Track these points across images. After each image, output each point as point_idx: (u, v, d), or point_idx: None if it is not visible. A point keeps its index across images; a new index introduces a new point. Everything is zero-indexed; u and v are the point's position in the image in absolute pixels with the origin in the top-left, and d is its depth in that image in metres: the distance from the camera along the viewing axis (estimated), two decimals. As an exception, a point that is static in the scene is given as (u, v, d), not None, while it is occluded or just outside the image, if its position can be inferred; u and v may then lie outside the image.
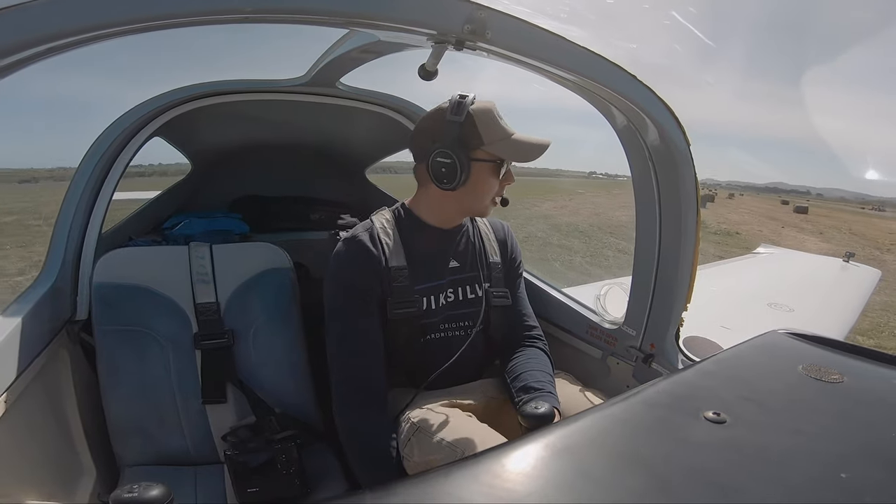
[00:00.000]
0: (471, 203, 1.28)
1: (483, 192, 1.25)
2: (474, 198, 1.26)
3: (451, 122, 1.18)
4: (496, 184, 1.26)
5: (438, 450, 1.14)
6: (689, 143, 1.20)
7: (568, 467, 0.62)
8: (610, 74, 1.09)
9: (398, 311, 1.27)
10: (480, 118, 1.20)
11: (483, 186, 1.24)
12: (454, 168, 1.18)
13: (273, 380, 1.46)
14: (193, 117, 1.74)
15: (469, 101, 1.19)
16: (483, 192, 1.25)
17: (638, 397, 0.80)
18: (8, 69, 0.68)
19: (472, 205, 1.28)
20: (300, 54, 2.64)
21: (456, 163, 1.17)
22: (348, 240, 1.29)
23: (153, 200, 2.40)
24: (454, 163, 1.18)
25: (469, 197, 1.25)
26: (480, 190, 1.24)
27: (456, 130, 1.18)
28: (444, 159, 1.19)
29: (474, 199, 1.26)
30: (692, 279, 1.32)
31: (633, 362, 1.48)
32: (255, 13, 0.75)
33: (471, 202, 1.27)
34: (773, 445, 0.65)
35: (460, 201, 1.27)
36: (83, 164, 1.51)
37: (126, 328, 1.38)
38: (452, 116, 1.18)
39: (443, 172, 1.19)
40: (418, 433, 1.19)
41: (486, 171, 1.22)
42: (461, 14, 0.87)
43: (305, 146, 2.67)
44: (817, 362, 0.88)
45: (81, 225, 1.50)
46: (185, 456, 1.39)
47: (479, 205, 1.28)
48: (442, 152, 1.18)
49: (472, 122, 1.20)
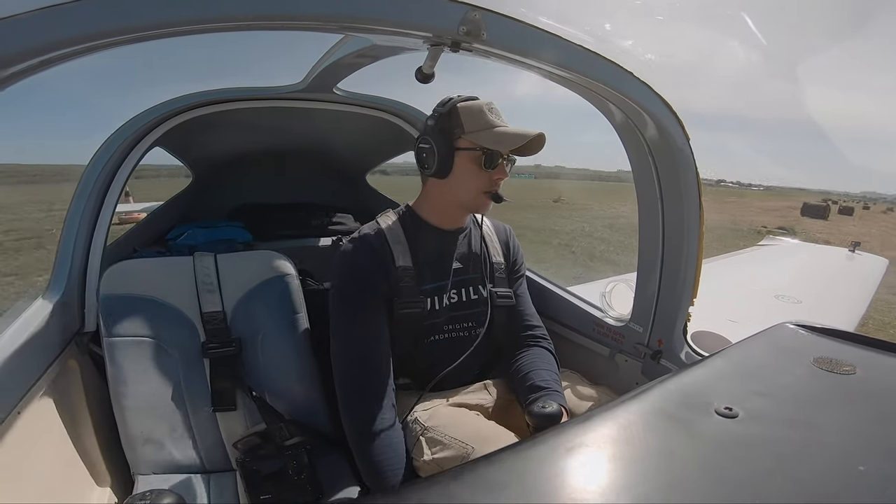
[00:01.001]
0: (459, 194, 1.27)
1: (468, 182, 1.25)
2: (461, 188, 1.26)
3: (434, 113, 1.25)
4: (482, 174, 1.24)
5: (448, 448, 1.14)
6: (689, 137, 1.20)
7: (581, 466, 0.62)
8: (606, 71, 1.08)
9: (404, 311, 1.27)
10: (465, 110, 1.23)
11: (468, 175, 1.24)
12: (432, 152, 1.23)
13: (282, 386, 1.46)
14: (193, 126, 1.74)
15: (458, 98, 1.25)
16: (468, 181, 1.25)
17: (648, 394, 0.79)
18: (9, 80, 0.68)
19: (460, 196, 1.28)
20: (297, 61, 2.65)
21: (433, 147, 1.22)
22: (356, 239, 1.29)
23: (156, 211, 2.41)
24: (432, 147, 1.23)
25: (456, 187, 1.26)
26: (466, 179, 1.24)
27: (438, 120, 1.24)
28: (424, 145, 1.25)
29: (461, 190, 1.26)
30: (697, 273, 1.31)
31: (641, 359, 1.47)
32: (252, 20, 0.75)
33: (458, 193, 1.27)
34: (787, 439, 0.64)
35: (450, 193, 1.28)
36: (85, 176, 1.52)
37: (134, 339, 1.38)
38: (438, 108, 1.25)
39: (423, 158, 1.26)
40: (427, 433, 1.19)
41: (467, 159, 1.23)
42: (456, 16, 0.87)
43: (305, 152, 2.67)
44: (828, 354, 0.87)
45: (86, 238, 1.51)
46: (197, 464, 1.39)
47: (467, 196, 1.27)
48: (423, 139, 1.25)
49: (456, 112, 1.23)
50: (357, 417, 1.20)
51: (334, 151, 2.68)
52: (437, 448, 1.16)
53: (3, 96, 0.72)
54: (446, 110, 1.23)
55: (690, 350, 1.39)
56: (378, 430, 1.18)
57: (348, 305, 1.25)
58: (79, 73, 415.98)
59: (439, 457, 1.15)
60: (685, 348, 1.39)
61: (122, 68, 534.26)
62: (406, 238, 1.30)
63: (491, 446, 1.11)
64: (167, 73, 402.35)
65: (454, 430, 1.17)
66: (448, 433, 1.17)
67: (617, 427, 0.70)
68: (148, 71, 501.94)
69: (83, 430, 1.35)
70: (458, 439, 1.15)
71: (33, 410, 1.15)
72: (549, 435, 0.67)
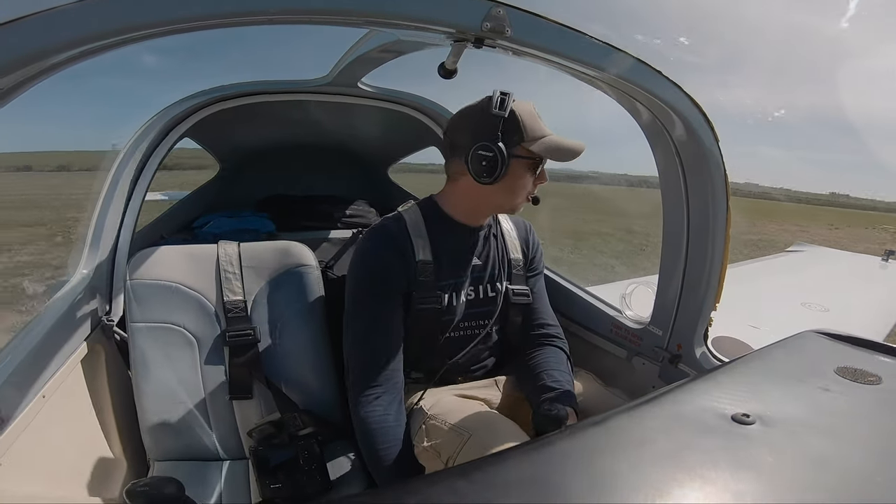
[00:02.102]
0: (504, 199, 1.26)
1: (519, 189, 1.24)
2: (509, 194, 1.24)
3: (495, 117, 1.17)
4: (531, 181, 1.25)
5: (446, 434, 1.15)
6: (718, 139, 1.18)
7: (591, 468, 0.61)
8: (634, 70, 1.06)
9: (422, 305, 1.26)
10: (523, 115, 1.19)
11: (519, 183, 1.23)
12: (495, 162, 1.16)
13: (297, 376, 1.48)
14: (221, 118, 1.78)
15: (513, 99, 1.18)
16: (519, 188, 1.24)
17: (664, 398, 0.78)
18: (45, 72, 0.70)
19: (505, 201, 1.27)
20: (322, 54, 2.69)
21: (497, 156, 1.16)
22: (377, 229, 1.29)
23: (184, 200, 2.46)
24: (496, 156, 1.16)
25: (503, 193, 1.24)
26: (517, 186, 1.23)
27: (499, 125, 1.17)
28: (486, 153, 1.17)
29: (509, 196, 1.25)
30: (722, 278, 1.29)
31: (658, 363, 1.45)
32: (280, 14, 0.76)
33: (504, 198, 1.26)
34: (804, 448, 0.63)
35: (494, 197, 1.26)
36: (118, 165, 1.56)
37: (157, 325, 1.41)
38: (497, 111, 1.17)
39: (483, 166, 1.17)
40: (428, 420, 1.20)
41: (523, 167, 1.22)
42: (480, 12, 0.86)
43: (329, 145, 2.70)
44: (853, 363, 0.85)
45: (116, 224, 1.55)
46: (211, 451, 1.42)
47: (512, 202, 1.26)
48: (484, 146, 1.16)
49: (516, 118, 1.18)
50: (363, 410, 1.20)
51: (357, 145, 2.70)
52: (434, 434, 1.17)
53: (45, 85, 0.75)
54: (506, 114, 1.17)
55: (710, 355, 1.36)
56: (383, 424, 1.18)
57: (365, 295, 1.25)
58: (112, 66, 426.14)
59: (436, 443, 1.15)
60: (705, 353, 1.36)
61: (155, 61, 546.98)
62: (427, 232, 1.29)
63: (490, 433, 1.11)
64: (199, 65, 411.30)
65: (453, 417, 1.18)
66: (447, 420, 1.17)
67: (631, 430, 0.70)
68: (178, 63, 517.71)
69: (104, 415, 1.39)
70: (455, 425, 1.15)
71: (58, 394, 1.19)
72: (560, 436, 0.67)
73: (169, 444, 1.39)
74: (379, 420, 1.18)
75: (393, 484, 1.15)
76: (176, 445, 1.40)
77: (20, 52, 0.62)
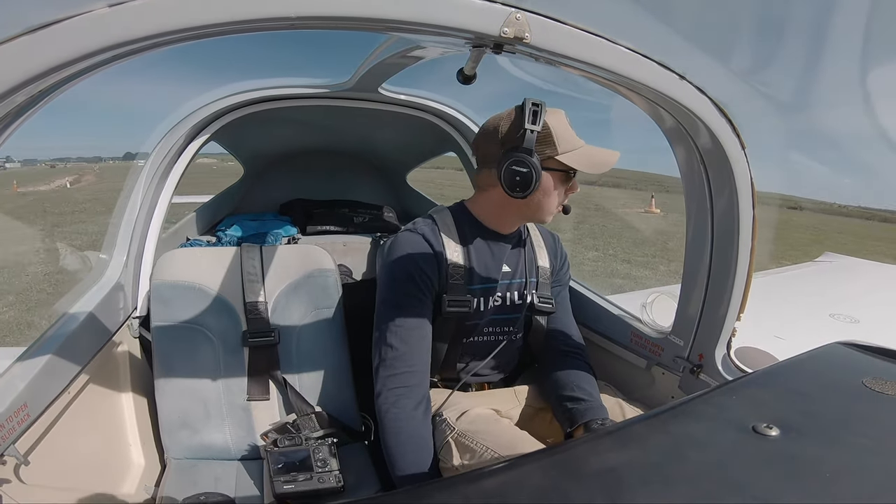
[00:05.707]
0: (535, 211, 1.25)
1: (552, 199, 1.23)
2: (541, 206, 1.23)
3: (528, 131, 1.14)
4: (563, 192, 1.24)
5: (480, 456, 1.12)
6: (745, 145, 1.15)
7: (608, 479, 0.60)
8: (657, 75, 1.05)
9: (451, 308, 1.26)
10: (556, 127, 1.18)
11: (551, 193, 1.22)
12: (529, 177, 1.15)
13: (314, 378, 1.50)
14: (246, 122, 1.81)
15: (545, 109, 1.16)
16: (551, 200, 1.23)
17: (684, 408, 0.77)
18: (71, 79, 0.72)
19: (536, 212, 1.26)
20: (343, 60, 2.71)
21: (532, 172, 1.14)
22: (410, 231, 1.29)
23: (209, 203, 2.52)
24: (530, 172, 1.14)
25: (535, 204, 1.23)
26: (549, 197, 1.22)
27: (533, 139, 1.15)
28: (521, 168, 1.15)
29: (540, 207, 1.24)
30: (747, 288, 1.26)
31: (679, 373, 1.42)
32: (300, 20, 0.77)
33: (535, 210, 1.25)
34: (826, 461, 0.61)
35: (526, 208, 1.25)
36: (146, 168, 1.60)
37: (181, 325, 1.44)
38: (530, 125, 1.14)
39: (517, 181, 1.15)
40: (457, 436, 1.18)
41: (556, 179, 1.21)
42: (499, 17, 0.86)
43: (350, 150, 2.73)
44: (882, 375, 0.82)
45: (143, 225, 1.59)
46: (228, 450, 1.44)
47: (543, 213, 1.25)
48: (518, 160, 1.15)
49: (549, 130, 1.17)
50: (392, 406, 1.18)
51: (377, 150, 2.72)
52: (467, 455, 1.15)
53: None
54: (539, 128, 1.14)
55: (733, 366, 1.33)
56: (410, 424, 1.17)
57: (396, 293, 1.24)
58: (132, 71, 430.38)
59: (470, 464, 1.13)
60: (728, 364, 1.33)
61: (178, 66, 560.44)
62: (459, 236, 1.29)
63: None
64: (221, 71, 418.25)
65: (487, 438, 1.15)
66: (479, 440, 1.15)
67: (651, 440, 0.69)
68: (200, 68, 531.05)
69: (125, 413, 1.42)
70: (491, 448, 1.12)
71: (83, 390, 1.22)
72: (576, 444, 0.66)
73: (187, 443, 1.42)
74: (408, 417, 1.17)
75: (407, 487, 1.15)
76: (193, 444, 1.42)
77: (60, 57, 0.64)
